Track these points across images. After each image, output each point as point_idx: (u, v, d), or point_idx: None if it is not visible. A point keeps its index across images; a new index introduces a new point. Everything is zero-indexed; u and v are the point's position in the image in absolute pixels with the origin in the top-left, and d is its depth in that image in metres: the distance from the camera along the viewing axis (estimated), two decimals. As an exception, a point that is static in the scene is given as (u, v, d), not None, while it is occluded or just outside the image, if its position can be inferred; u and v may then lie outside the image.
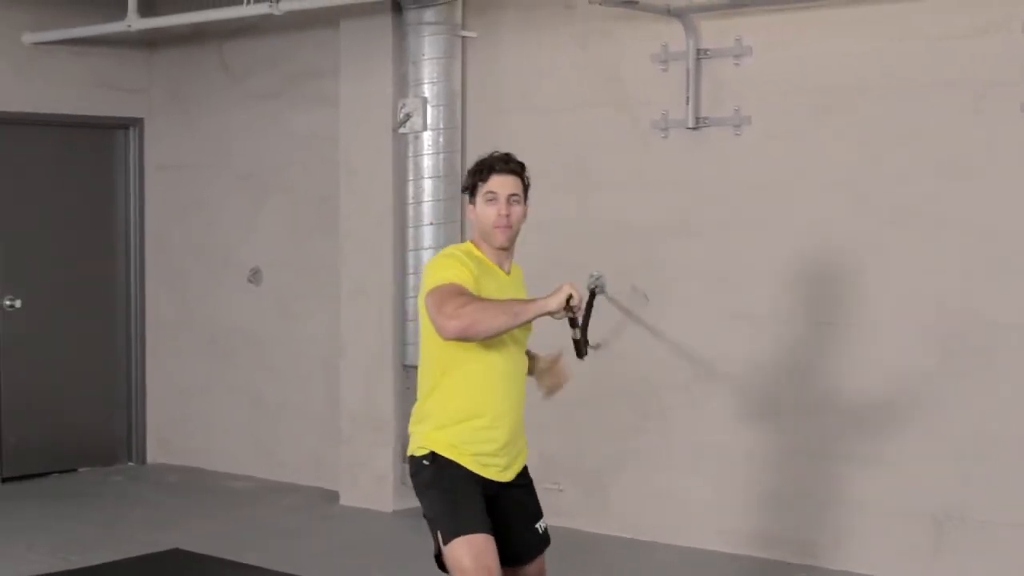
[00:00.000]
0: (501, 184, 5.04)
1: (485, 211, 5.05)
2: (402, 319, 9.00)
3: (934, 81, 7.30)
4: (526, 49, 8.83)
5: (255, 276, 10.25)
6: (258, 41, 10.17)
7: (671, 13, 7.94)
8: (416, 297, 7.54)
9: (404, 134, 8.86)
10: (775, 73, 7.85)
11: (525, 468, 5.26)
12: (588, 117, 8.54)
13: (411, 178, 8.86)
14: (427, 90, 8.78)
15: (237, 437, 10.50)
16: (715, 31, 8.04)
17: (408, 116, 8.78)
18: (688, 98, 8.06)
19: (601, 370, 8.43)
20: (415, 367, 8.61)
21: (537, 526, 5.26)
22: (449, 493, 5.02)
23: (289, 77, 10.03)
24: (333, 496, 9.49)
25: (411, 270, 8.84)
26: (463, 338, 4.85)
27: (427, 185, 8.80)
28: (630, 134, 8.39)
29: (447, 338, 4.87)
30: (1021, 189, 7.06)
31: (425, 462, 5.08)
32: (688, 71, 8.06)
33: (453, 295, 4.84)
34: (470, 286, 4.91)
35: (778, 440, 7.89)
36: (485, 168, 5.09)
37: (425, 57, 8.79)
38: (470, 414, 5.03)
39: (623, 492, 8.46)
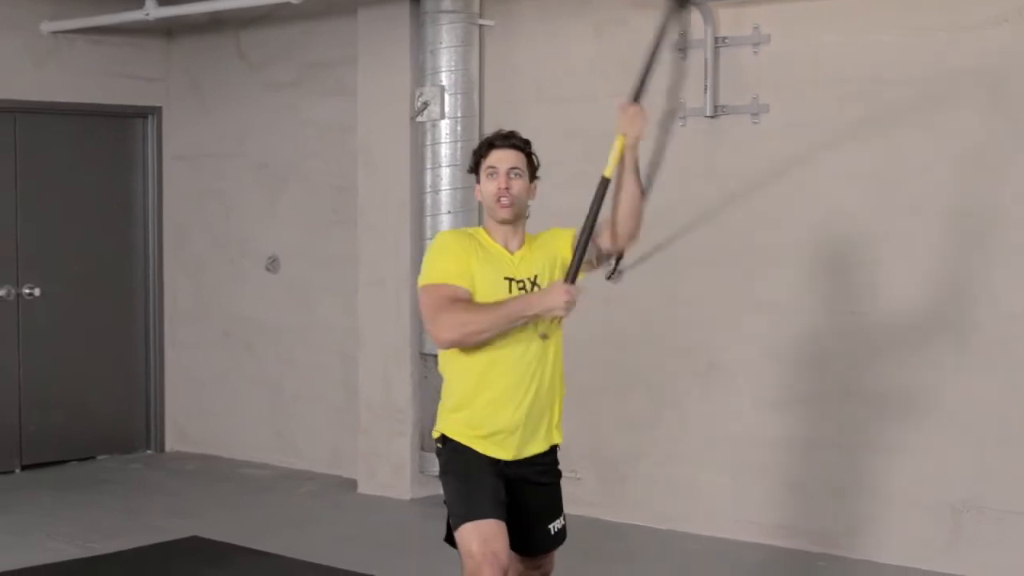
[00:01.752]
0: (501, 158, 5.04)
1: (487, 186, 5.06)
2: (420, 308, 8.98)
3: (953, 70, 7.27)
4: (543, 38, 8.82)
5: (272, 264, 10.26)
6: (276, 30, 10.17)
7: (690, 1, 7.92)
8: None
9: (422, 123, 8.86)
10: (794, 61, 7.83)
11: (550, 466, 5.21)
12: (605, 105, 8.47)
13: (429, 167, 8.85)
14: (444, 79, 8.77)
15: (255, 425, 10.51)
16: (733, 19, 8.02)
17: (426, 104, 8.78)
18: (706, 86, 8.04)
19: (618, 359, 8.46)
20: (433, 355, 8.68)
21: (551, 526, 5.23)
22: (461, 478, 5.03)
23: (306, 66, 10.03)
24: (351, 484, 9.50)
25: (429, 259, 8.82)
26: (457, 347, 4.95)
27: (445, 173, 8.79)
28: (647, 123, 8.34)
29: (441, 348, 4.98)
30: (1041, 178, 7.06)
31: (439, 445, 5.13)
32: (706, 59, 8.04)
33: (446, 303, 4.88)
34: (462, 280, 4.93)
35: (796, 429, 7.87)
36: (485, 144, 5.13)
37: (443, 46, 8.77)
38: (476, 396, 5.04)
39: (641, 481, 8.46)
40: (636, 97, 4.84)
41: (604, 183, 4.77)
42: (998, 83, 7.14)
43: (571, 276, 4.82)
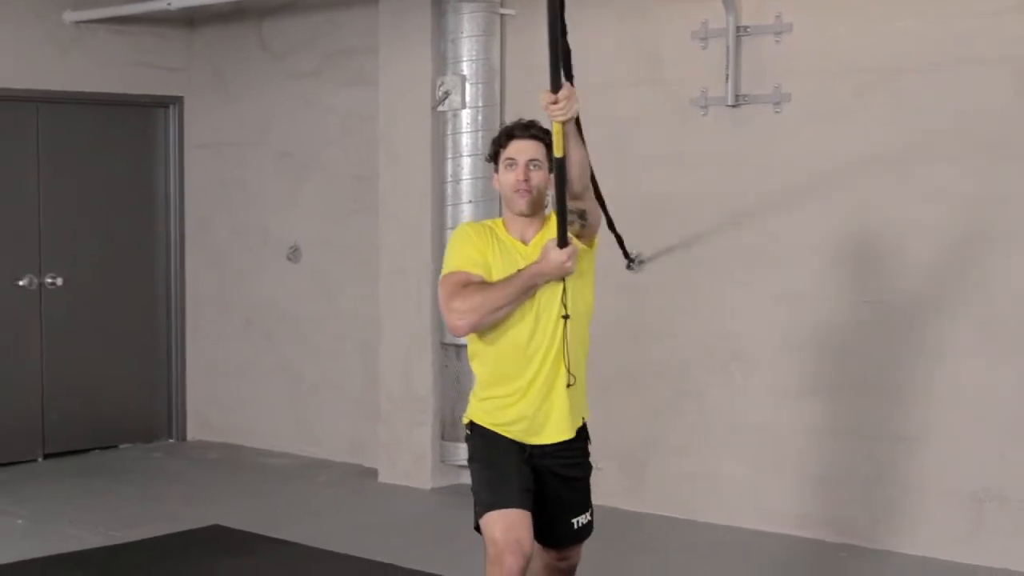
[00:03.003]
0: (521, 149, 4.99)
1: (505, 176, 5.02)
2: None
3: (975, 58, 7.24)
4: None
5: (294, 254, 10.27)
6: (297, 19, 10.18)
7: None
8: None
9: (443, 112, 8.85)
10: (816, 50, 7.80)
11: (578, 460, 5.20)
12: (627, 95, 8.50)
13: (450, 156, 8.86)
14: (466, 68, 8.78)
15: (276, 415, 10.53)
16: (755, 7, 7.99)
17: (447, 94, 8.78)
18: (728, 75, 8.02)
19: (639, 349, 8.45)
20: (453, 345, 8.69)
21: (575, 520, 5.20)
22: (486, 466, 5.04)
23: (328, 55, 10.03)
24: (371, 474, 9.52)
25: (449, 248, 8.83)
26: (475, 331, 4.95)
27: (466, 163, 8.80)
28: (669, 112, 8.36)
29: (459, 336, 4.98)
30: (1064, 167, 7.03)
31: (468, 431, 5.15)
32: (728, 48, 8.02)
33: (458, 288, 4.89)
34: (477, 267, 4.94)
35: (818, 419, 7.86)
36: (505, 134, 5.08)
37: (464, 35, 8.78)
38: (494, 383, 5.06)
39: (662, 471, 8.45)
40: (557, 84, 4.75)
41: (559, 162, 4.74)
42: (1021, 70, 7.11)
43: (560, 240, 4.78)
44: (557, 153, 4.69)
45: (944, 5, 7.36)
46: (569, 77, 5.32)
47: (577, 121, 4.83)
